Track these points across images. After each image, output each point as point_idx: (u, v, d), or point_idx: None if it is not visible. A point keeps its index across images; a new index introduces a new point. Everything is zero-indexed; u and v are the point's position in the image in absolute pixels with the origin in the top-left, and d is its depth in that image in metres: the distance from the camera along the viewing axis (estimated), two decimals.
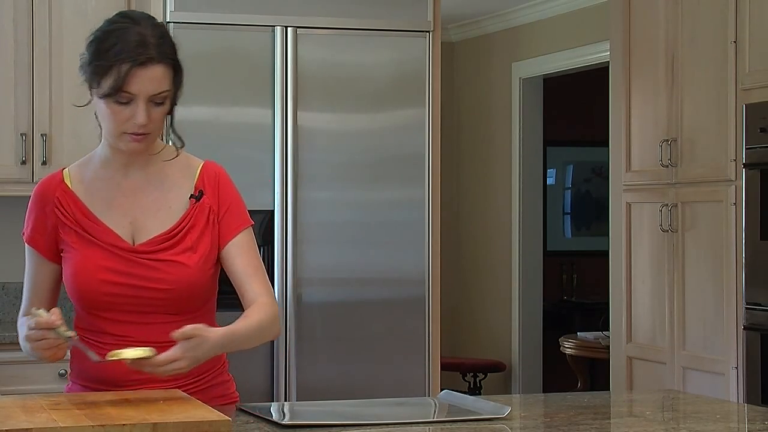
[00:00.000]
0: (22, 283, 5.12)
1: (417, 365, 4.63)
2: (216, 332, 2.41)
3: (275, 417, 2.40)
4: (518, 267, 7.77)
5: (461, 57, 8.39)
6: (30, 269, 2.66)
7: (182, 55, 4.63)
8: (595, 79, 7.23)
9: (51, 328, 2.37)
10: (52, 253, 2.60)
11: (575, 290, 9.20)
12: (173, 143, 2.63)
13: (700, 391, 4.45)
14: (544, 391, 7.71)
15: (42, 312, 2.42)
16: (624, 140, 5.06)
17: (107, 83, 2.46)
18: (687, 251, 4.69)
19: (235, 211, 2.61)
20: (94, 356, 2.44)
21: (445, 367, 5.27)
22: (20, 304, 5.17)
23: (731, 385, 4.40)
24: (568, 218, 9.46)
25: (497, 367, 7.79)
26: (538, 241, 7.88)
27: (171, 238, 2.55)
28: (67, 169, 2.65)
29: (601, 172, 9.09)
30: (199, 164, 2.65)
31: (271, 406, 2.68)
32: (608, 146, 5.23)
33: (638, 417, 2.62)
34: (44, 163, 4.65)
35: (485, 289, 8.11)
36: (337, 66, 4.58)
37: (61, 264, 2.60)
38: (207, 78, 4.42)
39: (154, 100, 2.48)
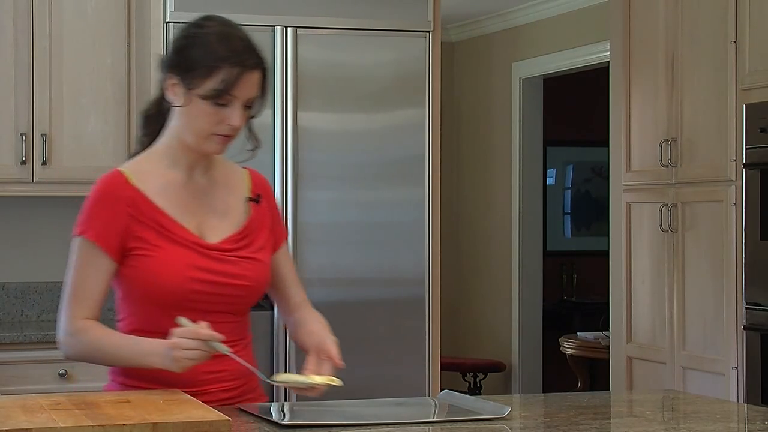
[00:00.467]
0: (22, 283, 5.14)
1: (417, 365, 4.63)
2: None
3: (275, 417, 2.40)
4: (518, 267, 7.77)
5: (461, 57, 8.39)
6: (86, 269, 2.55)
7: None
8: (595, 79, 7.23)
9: (207, 340, 2.39)
10: (119, 252, 2.54)
11: (575, 290, 9.20)
12: (252, 143, 2.67)
13: (700, 391, 4.45)
14: (544, 391, 7.71)
15: (187, 321, 2.42)
16: (624, 140, 5.06)
17: (211, 84, 2.48)
18: (687, 251, 4.69)
19: (280, 220, 2.75)
20: (262, 376, 2.50)
21: (445, 367, 5.27)
22: (20, 305, 5.20)
23: (731, 385, 4.40)
24: (568, 218, 9.46)
25: (497, 367, 7.79)
26: (538, 241, 7.89)
27: (245, 237, 2.62)
28: (124, 169, 2.61)
29: (601, 172, 9.09)
30: (243, 169, 2.72)
31: (271, 406, 2.68)
32: (608, 146, 5.23)
33: (638, 417, 2.62)
34: (44, 163, 4.65)
35: (485, 289, 8.11)
36: (337, 66, 4.58)
37: (120, 264, 2.56)
38: None
39: (246, 104, 2.53)
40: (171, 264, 2.52)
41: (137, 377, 2.55)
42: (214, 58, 2.48)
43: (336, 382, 2.47)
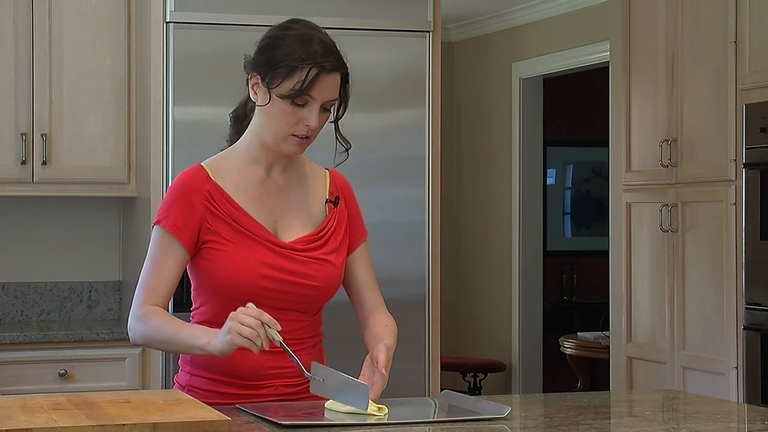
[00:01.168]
0: (22, 283, 5.14)
1: (417, 365, 4.63)
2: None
3: (275, 417, 2.40)
4: (518, 267, 7.76)
5: (461, 57, 8.39)
6: (160, 256, 2.62)
7: (182, 55, 4.65)
8: (595, 79, 7.23)
9: (266, 324, 2.41)
10: (193, 243, 2.61)
11: (575, 290, 9.20)
12: (342, 145, 2.74)
13: (700, 391, 4.45)
14: (544, 391, 7.71)
15: (254, 306, 2.45)
16: (624, 140, 5.06)
17: (289, 84, 2.55)
18: (687, 251, 4.69)
19: (359, 221, 2.80)
20: (306, 372, 2.50)
21: (445, 367, 5.27)
22: (20, 305, 5.21)
23: (731, 385, 4.40)
24: (568, 218, 9.46)
25: (497, 367, 7.79)
26: (538, 241, 7.88)
27: (320, 238, 2.67)
28: (204, 164, 2.68)
29: (601, 172, 9.09)
30: (324, 170, 2.79)
31: (271, 406, 2.68)
32: (608, 146, 5.23)
33: (638, 417, 2.62)
34: (44, 163, 4.65)
35: (485, 289, 8.11)
36: None
37: (194, 255, 2.62)
38: (207, 78, 4.42)
39: (324, 106, 2.60)
40: (242, 259, 2.58)
41: (202, 367, 2.63)
42: (293, 58, 2.55)
43: (380, 412, 2.44)
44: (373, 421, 2.38)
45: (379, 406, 2.46)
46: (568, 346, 7.41)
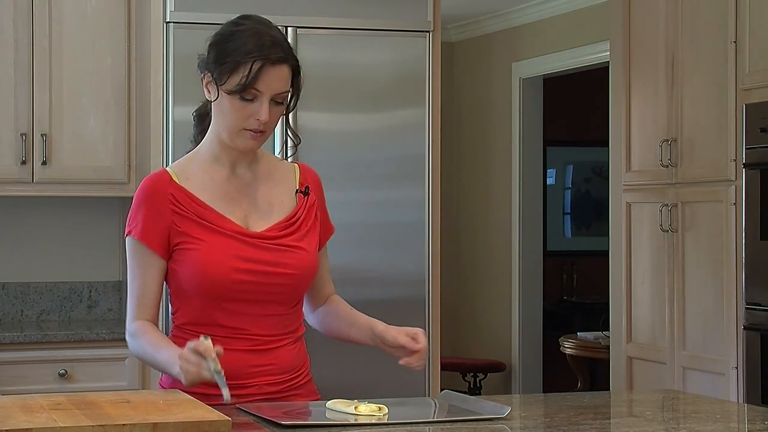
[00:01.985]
0: (22, 283, 5.14)
1: None
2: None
3: (275, 417, 2.40)
4: (518, 267, 7.76)
5: (461, 57, 8.39)
6: (138, 267, 2.62)
7: (182, 55, 4.65)
8: (595, 79, 7.23)
9: (207, 356, 2.38)
10: (164, 249, 2.60)
11: (575, 290, 9.20)
12: (291, 140, 2.79)
13: (700, 391, 4.45)
14: (544, 391, 7.71)
15: (205, 339, 2.42)
16: (624, 140, 5.06)
17: (236, 79, 2.54)
18: (687, 251, 4.69)
19: (327, 216, 2.79)
20: (226, 394, 2.41)
21: (445, 367, 5.27)
22: (20, 305, 5.20)
23: (731, 385, 4.40)
24: (568, 218, 9.46)
25: (497, 367, 7.79)
26: (538, 241, 7.88)
27: (290, 225, 2.65)
28: (169, 168, 2.67)
29: (601, 172, 9.09)
30: (294, 164, 2.79)
31: (270, 405, 2.68)
32: (608, 146, 5.23)
33: (638, 417, 2.62)
34: (44, 163, 4.65)
35: (485, 289, 8.11)
36: (337, 66, 4.58)
37: (167, 260, 2.61)
38: None
39: (275, 99, 2.58)
40: (215, 254, 2.57)
41: None
42: (239, 53, 2.54)
43: (380, 412, 2.43)
44: (373, 421, 2.38)
45: (380, 406, 2.46)
46: (568, 346, 7.41)
